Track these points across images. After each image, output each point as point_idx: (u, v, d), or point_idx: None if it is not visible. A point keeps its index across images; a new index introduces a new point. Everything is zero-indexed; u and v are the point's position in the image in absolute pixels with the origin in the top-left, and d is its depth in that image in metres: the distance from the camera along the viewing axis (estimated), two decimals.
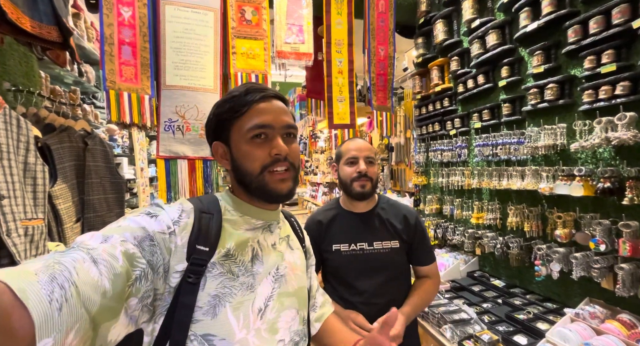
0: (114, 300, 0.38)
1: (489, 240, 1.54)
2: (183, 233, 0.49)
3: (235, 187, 0.59)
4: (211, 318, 0.48)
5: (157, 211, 0.49)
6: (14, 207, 0.98)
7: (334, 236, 1.03)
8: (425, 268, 1.06)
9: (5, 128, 1.00)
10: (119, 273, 0.39)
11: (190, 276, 0.47)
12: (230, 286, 0.50)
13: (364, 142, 1.04)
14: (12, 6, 1.06)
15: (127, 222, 0.46)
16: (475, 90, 1.65)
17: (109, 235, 0.42)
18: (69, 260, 0.36)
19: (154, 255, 0.45)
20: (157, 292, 0.46)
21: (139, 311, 0.43)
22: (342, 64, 1.97)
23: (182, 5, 1.60)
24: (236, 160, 0.55)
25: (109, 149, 1.79)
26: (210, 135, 0.60)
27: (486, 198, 1.65)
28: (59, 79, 2.38)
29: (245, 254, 0.54)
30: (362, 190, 0.99)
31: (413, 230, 1.03)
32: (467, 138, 1.75)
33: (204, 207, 0.54)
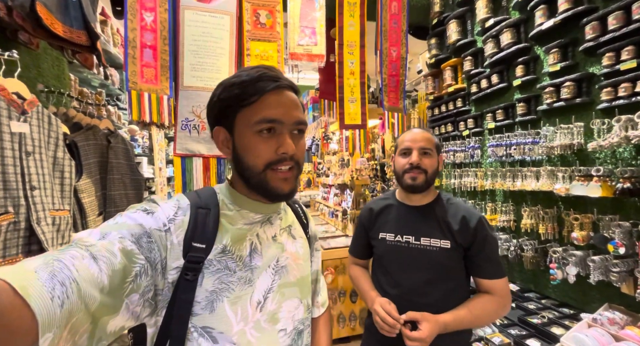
0: (113, 295, 0.39)
1: (503, 242, 1.50)
2: (179, 231, 0.48)
3: (235, 178, 0.57)
4: (209, 312, 0.49)
5: (153, 207, 0.49)
6: (44, 197, 1.06)
7: (382, 225, 1.00)
8: (486, 281, 0.89)
9: (38, 125, 1.08)
10: (117, 269, 0.40)
11: (187, 274, 0.47)
12: (227, 282, 0.50)
13: (422, 132, 0.96)
14: (47, 12, 1.15)
15: (124, 218, 0.46)
16: (489, 90, 1.63)
17: (107, 232, 0.42)
18: (67, 257, 0.36)
19: (152, 252, 0.45)
20: (157, 288, 0.46)
21: (140, 306, 0.44)
22: (353, 65, 1.99)
23: (200, 10, 1.67)
24: (238, 151, 0.52)
25: (130, 148, 1.88)
26: (212, 119, 0.56)
27: (500, 199, 1.61)
28: (86, 82, 2.53)
29: (242, 249, 0.53)
30: (412, 182, 0.92)
31: (472, 233, 0.89)
32: (481, 139, 1.72)
33: (201, 202, 0.53)
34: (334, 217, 3.68)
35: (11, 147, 0.96)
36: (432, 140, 0.95)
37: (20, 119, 1.00)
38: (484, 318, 0.88)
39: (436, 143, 0.96)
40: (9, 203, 0.95)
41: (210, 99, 0.55)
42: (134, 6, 1.56)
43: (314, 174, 6.20)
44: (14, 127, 0.98)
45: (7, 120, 0.96)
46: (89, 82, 2.53)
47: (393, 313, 0.84)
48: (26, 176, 1.00)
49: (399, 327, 0.82)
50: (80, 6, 1.30)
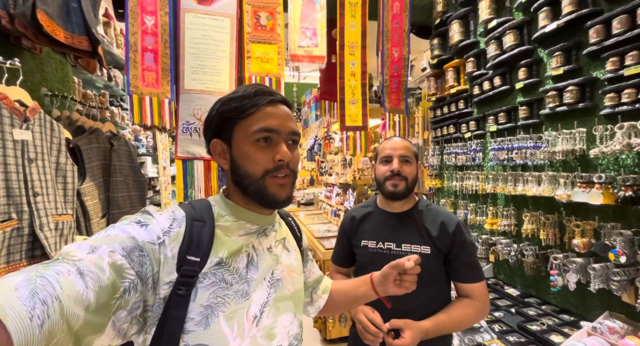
0: (98, 313, 0.37)
1: (503, 246, 1.49)
2: (173, 244, 0.47)
3: (231, 189, 0.58)
4: (204, 328, 0.47)
5: (148, 220, 0.48)
6: (47, 203, 1.08)
7: (364, 232, 1.02)
8: (465, 285, 0.92)
9: (40, 131, 1.10)
10: (105, 285, 0.38)
11: (180, 288, 0.46)
12: (223, 296, 0.49)
13: (402, 141, 0.99)
14: (49, 19, 1.16)
15: (116, 231, 0.45)
16: (491, 93, 1.61)
17: (97, 246, 0.41)
18: (52, 273, 0.35)
19: (143, 266, 0.44)
20: (146, 303, 0.45)
21: (127, 323, 0.42)
22: (355, 66, 1.98)
23: (200, 13, 1.67)
24: (236, 160, 0.53)
25: (133, 150, 1.91)
26: (209, 132, 0.57)
27: (501, 203, 1.60)
28: (90, 84, 2.55)
29: (239, 261, 0.52)
30: (393, 189, 0.95)
31: (450, 238, 0.92)
32: (482, 142, 1.70)
33: (196, 214, 0.52)
34: (336, 216, 3.69)
35: (14, 155, 0.98)
36: (411, 148, 0.99)
37: (22, 127, 1.02)
38: (464, 323, 0.90)
39: (415, 151, 1.00)
40: (12, 209, 0.97)
41: (208, 114, 0.57)
42: (135, 10, 1.56)
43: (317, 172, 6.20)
44: (17, 134, 1.00)
45: (10, 128, 0.98)
46: (93, 84, 2.55)
47: (377, 321, 0.84)
48: (29, 182, 1.02)
49: (382, 336, 0.83)
50: (81, 12, 1.31)
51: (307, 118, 4.86)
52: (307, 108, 4.62)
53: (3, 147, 0.95)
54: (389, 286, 0.69)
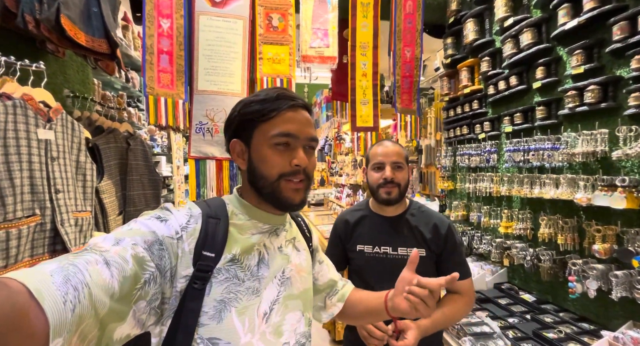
0: (122, 302, 0.39)
1: (519, 251, 1.45)
2: (190, 239, 0.49)
3: (245, 189, 0.60)
4: (217, 322, 0.49)
5: (167, 215, 0.50)
6: (67, 200, 1.12)
7: (359, 237, 1.03)
8: (457, 283, 0.95)
9: (62, 131, 1.14)
10: (128, 275, 0.40)
11: (196, 282, 0.48)
12: (235, 291, 0.51)
13: (393, 146, 1.00)
14: (71, 24, 1.21)
15: (138, 225, 0.47)
16: (507, 92, 1.56)
17: (121, 238, 0.43)
18: (82, 262, 0.37)
19: (162, 259, 0.46)
20: (164, 296, 0.47)
21: (146, 314, 0.44)
22: (366, 67, 1.97)
23: (214, 15, 1.70)
24: (254, 161, 0.55)
25: (148, 149, 1.96)
26: (229, 132, 0.59)
27: (516, 206, 1.56)
28: (109, 85, 2.65)
29: (251, 258, 0.54)
30: (387, 197, 0.97)
31: (443, 240, 0.97)
32: (497, 143, 1.66)
33: (211, 211, 0.54)
34: None
35: (38, 153, 1.03)
36: (402, 153, 1.00)
37: (46, 127, 1.07)
38: (456, 318, 0.97)
39: (406, 156, 1.02)
40: (36, 206, 1.02)
41: (229, 115, 0.59)
42: (152, 13, 1.61)
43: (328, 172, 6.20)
44: (41, 134, 1.05)
45: (35, 128, 1.03)
46: (112, 85, 2.65)
47: (381, 325, 0.85)
48: (51, 180, 1.06)
49: (387, 339, 0.84)
50: (101, 16, 1.36)
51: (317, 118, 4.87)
52: (318, 109, 4.63)
53: (28, 146, 1.00)
54: (398, 299, 0.62)
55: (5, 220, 0.91)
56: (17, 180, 0.95)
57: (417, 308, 0.57)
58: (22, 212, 0.97)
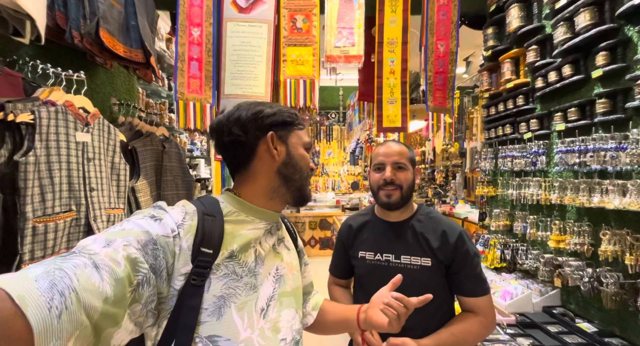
0: (116, 305, 0.38)
1: (573, 270, 1.23)
2: (188, 236, 0.49)
3: (245, 187, 0.60)
4: (217, 319, 0.49)
5: (161, 214, 0.50)
6: (101, 197, 1.22)
7: (362, 243, 0.98)
8: (469, 300, 0.88)
9: (99, 134, 1.25)
10: (120, 278, 0.39)
11: (194, 279, 0.48)
12: (234, 287, 0.51)
13: (396, 146, 0.94)
14: (110, 36, 1.32)
15: (131, 225, 0.46)
16: (559, 85, 1.35)
17: (112, 239, 0.42)
18: (69, 266, 0.36)
19: (157, 259, 0.45)
20: (160, 296, 0.46)
21: (143, 317, 0.43)
22: (394, 64, 1.86)
23: (240, 21, 1.75)
24: (294, 156, 0.61)
25: (182, 152, 2.08)
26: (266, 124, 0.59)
27: (571, 217, 1.32)
28: (156, 93, 2.89)
29: (248, 255, 0.55)
30: (387, 200, 0.91)
31: (452, 249, 0.88)
32: (546, 143, 1.44)
33: (206, 209, 0.54)
34: None
35: (75, 154, 1.13)
36: (406, 153, 0.93)
37: (83, 130, 1.17)
38: (469, 341, 0.85)
39: (410, 156, 0.94)
40: (73, 202, 1.11)
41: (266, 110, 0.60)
42: (184, 23, 1.70)
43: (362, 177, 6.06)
44: (79, 137, 1.15)
45: (74, 132, 1.13)
46: (158, 94, 2.89)
47: (374, 342, 0.77)
48: (86, 179, 1.16)
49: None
50: (137, 28, 1.47)
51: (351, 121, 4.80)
52: (352, 111, 4.56)
53: (67, 147, 1.10)
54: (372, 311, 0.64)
55: (44, 214, 1.01)
56: (56, 179, 1.05)
57: (391, 322, 0.60)
58: (59, 207, 1.06)
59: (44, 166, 1.02)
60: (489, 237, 1.74)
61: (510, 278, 1.56)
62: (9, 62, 1.12)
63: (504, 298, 1.40)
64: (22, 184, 0.94)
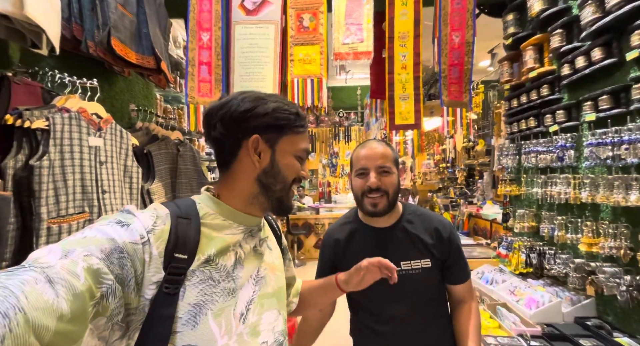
0: (74, 322, 0.35)
1: (608, 277, 1.09)
2: (159, 242, 0.46)
3: (229, 190, 0.57)
4: (192, 328, 0.46)
5: (129, 219, 0.46)
6: (113, 199, 1.26)
7: (354, 257, 0.86)
8: (460, 287, 0.91)
9: (112, 138, 1.30)
10: (79, 292, 0.36)
11: (167, 287, 0.45)
12: (211, 293, 0.49)
13: (378, 146, 0.88)
14: (121, 44, 1.38)
15: (94, 232, 0.43)
16: (588, 70, 1.22)
17: (70, 249, 0.39)
18: (16, 283, 0.32)
19: (124, 268, 0.42)
20: (128, 307, 0.43)
21: (108, 330, 0.41)
22: (406, 59, 1.79)
23: (248, 23, 1.77)
24: (279, 165, 0.57)
25: (197, 155, 2.13)
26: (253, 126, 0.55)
27: (606, 217, 1.18)
28: (176, 99, 3.02)
29: (227, 259, 0.53)
30: (373, 209, 0.85)
31: (447, 245, 0.88)
32: (575, 136, 1.30)
33: (180, 211, 0.51)
34: None
35: (88, 158, 1.18)
36: (389, 155, 0.87)
37: (96, 135, 1.22)
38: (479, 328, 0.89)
39: (395, 157, 0.90)
40: (85, 204, 1.16)
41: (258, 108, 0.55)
42: (194, 28, 1.74)
43: None
44: (91, 141, 1.20)
45: (86, 136, 1.18)
46: (179, 100, 3.01)
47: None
48: (99, 182, 1.21)
49: None
50: (149, 36, 1.53)
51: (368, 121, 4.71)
52: (368, 111, 4.47)
53: (80, 151, 1.16)
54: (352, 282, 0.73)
55: (58, 215, 1.06)
56: (70, 182, 1.10)
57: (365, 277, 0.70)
58: (73, 209, 1.11)
59: (58, 170, 1.07)
60: (512, 240, 1.61)
61: (538, 284, 1.43)
62: (31, 73, 1.20)
63: (529, 306, 1.28)
64: (37, 187, 1.00)
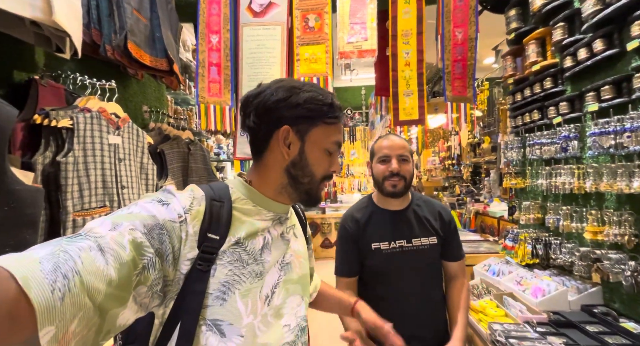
0: (120, 288, 0.39)
1: (613, 263, 1.11)
2: (194, 221, 0.49)
3: (257, 178, 0.59)
4: (220, 304, 0.49)
5: (169, 198, 0.49)
6: (131, 194, 1.33)
7: (373, 235, 1.05)
8: (456, 264, 1.09)
9: (129, 137, 1.37)
10: (125, 261, 0.39)
11: (200, 264, 0.48)
12: (239, 274, 0.52)
13: (399, 140, 1.05)
14: (136, 48, 1.45)
15: (138, 209, 0.46)
16: (590, 62, 1.24)
17: (119, 223, 0.42)
18: (74, 249, 0.36)
19: (163, 244, 0.45)
20: (166, 279, 0.47)
21: (149, 298, 0.44)
22: (409, 56, 1.83)
23: (255, 25, 1.83)
24: (307, 158, 0.57)
25: (207, 154, 2.19)
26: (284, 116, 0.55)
27: (610, 205, 1.20)
28: (185, 101, 3.10)
29: (256, 243, 0.55)
30: (393, 189, 1.01)
31: (448, 225, 1.07)
32: (578, 127, 1.32)
33: (214, 194, 0.54)
34: None
35: (108, 155, 1.25)
36: (407, 147, 1.05)
37: (115, 133, 1.29)
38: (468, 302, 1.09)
39: (411, 150, 1.07)
40: (106, 199, 1.23)
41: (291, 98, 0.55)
42: (204, 31, 1.81)
43: None
44: (111, 139, 1.27)
45: (107, 135, 1.25)
46: (188, 102, 3.09)
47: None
48: (118, 177, 1.28)
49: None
50: (162, 40, 1.60)
51: (373, 120, 4.74)
52: (373, 110, 4.50)
53: (101, 149, 1.22)
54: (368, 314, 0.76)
55: (82, 208, 1.13)
56: (92, 177, 1.17)
57: None
58: (95, 203, 1.18)
59: (81, 166, 1.14)
60: (518, 232, 1.62)
61: (544, 274, 1.44)
62: (54, 76, 1.28)
63: (535, 295, 1.30)
64: (64, 181, 1.07)
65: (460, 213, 3.35)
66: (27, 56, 1.20)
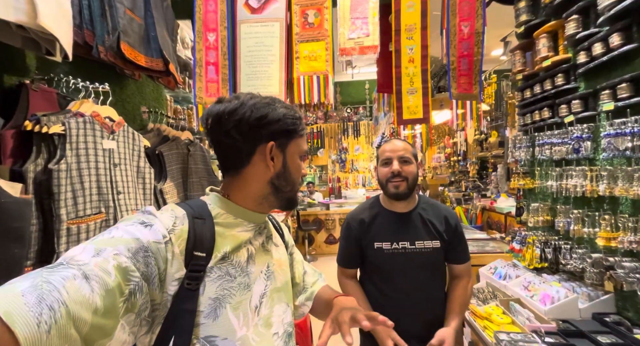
0: (106, 316, 0.38)
1: (628, 272, 1.05)
2: (179, 241, 0.49)
3: (235, 191, 0.59)
4: (213, 320, 0.50)
5: (151, 220, 0.49)
6: (127, 200, 1.31)
7: (376, 234, 1.08)
8: (461, 266, 1.11)
9: (124, 141, 1.34)
10: (111, 288, 0.39)
11: (189, 283, 0.48)
12: (229, 288, 0.53)
13: (401, 143, 1.07)
14: (130, 48, 1.41)
15: (120, 232, 0.45)
16: (606, 58, 1.16)
17: (102, 248, 0.41)
18: (58, 279, 0.35)
19: (149, 266, 0.45)
20: (154, 302, 0.46)
21: (138, 326, 0.44)
22: (413, 52, 1.76)
23: (253, 21, 1.77)
24: (290, 168, 0.61)
25: (207, 154, 2.16)
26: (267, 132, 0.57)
27: (625, 210, 1.14)
28: (186, 100, 3.06)
29: (241, 256, 0.56)
30: (395, 191, 1.03)
31: (453, 231, 1.08)
32: (591, 127, 1.25)
33: (195, 212, 0.54)
34: None
35: (103, 161, 1.22)
36: (409, 149, 1.07)
37: (109, 138, 1.26)
38: (469, 301, 1.12)
39: (414, 152, 1.09)
40: (102, 205, 1.21)
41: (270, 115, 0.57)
42: (200, 30, 1.76)
43: None
44: (105, 144, 1.24)
45: (100, 139, 1.22)
46: (189, 100, 3.05)
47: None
48: (113, 183, 1.25)
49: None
50: (157, 39, 1.55)
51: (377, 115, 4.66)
52: (376, 105, 4.42)
53: (95, 154, 1.20)
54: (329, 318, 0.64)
55: (77, 216, 1.10)
56: (86, 184, 1.15)
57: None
58: (90, 210, 1.16)
59: (75, 172, 1.12)
60: (526, 234, 1.57)
61: (553, 279, 1.39)
62: (47, 80, 1.24)
63: (543, 302, 1.25)
64: (56, 189, 1.04)
65: (467, 209, 3.29)
66: (18, 59, 1.17)
